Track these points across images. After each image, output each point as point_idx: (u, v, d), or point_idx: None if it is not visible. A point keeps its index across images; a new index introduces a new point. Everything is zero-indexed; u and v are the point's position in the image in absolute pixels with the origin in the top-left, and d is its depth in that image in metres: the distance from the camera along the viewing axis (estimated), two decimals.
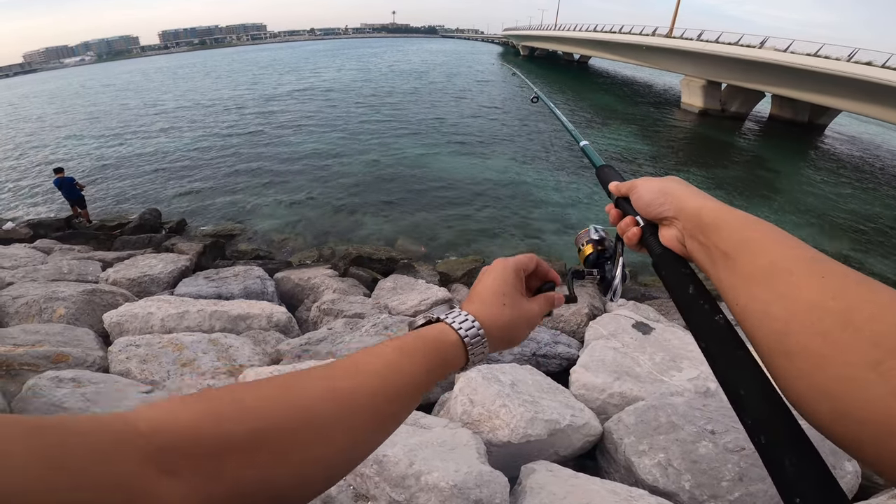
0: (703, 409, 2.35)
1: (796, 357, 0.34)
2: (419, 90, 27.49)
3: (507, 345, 0.58)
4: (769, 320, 0.37)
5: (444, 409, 2.57)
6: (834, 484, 0.37)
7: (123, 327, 3.46)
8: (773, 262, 0.39)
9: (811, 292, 0.35)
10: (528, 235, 8.96)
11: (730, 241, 0.44)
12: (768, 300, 0.38)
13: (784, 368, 0.36)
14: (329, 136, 16.32)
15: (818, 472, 0.38)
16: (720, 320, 0.47)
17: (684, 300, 0.51)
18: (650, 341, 3.54)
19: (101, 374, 2.59)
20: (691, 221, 0.50)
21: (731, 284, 0.43)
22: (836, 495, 0.36)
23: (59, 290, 3.92)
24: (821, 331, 0.33)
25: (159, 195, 11.06)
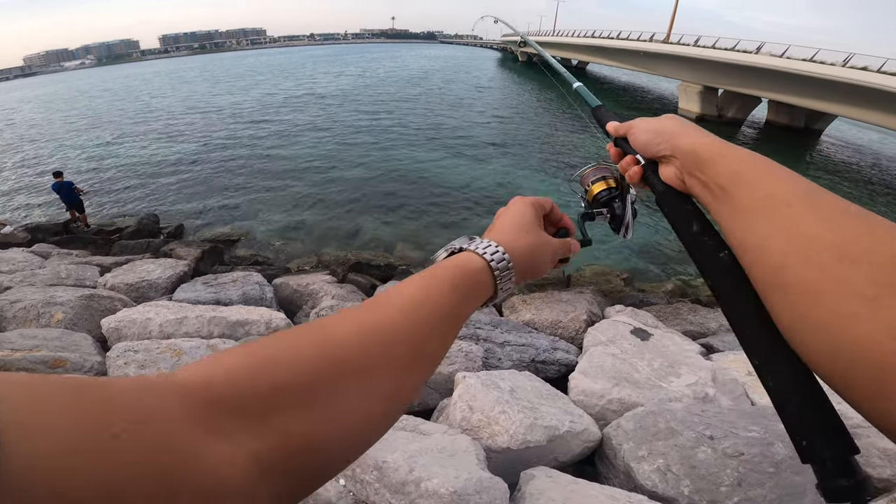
0: (702, 414, 2.36)
1: (792, 291, 0.34)
2: (418, 97, 27.56)
3: (532, 274, 0.56)
4: (766, 254, 0.37)
5: (443, 415, 2.57)
6: (841, 428, 0.36)
7: (121, 333, 3.46)
8: (770, 195, 0.39)
9: (809, 225, 0.34)
10: None
11: (725, 174, 0.44)
12: (766, 233, 0.37)
13: (780, 304, 0.35)
14: (327, 142, 16.35)
15: (825, 416, 0.37)
16: (725, 256, 0.46)
17: (688, 237, 0.52)
18: (649, 347, 3.56)
19: None
20: (687, 158, 0.50)
21: (729, 218, 0.42)
22: (843, 440, 0.36)
23: (57, 294, 3.91)
24: (817, 264, 0.32)
25: (157, 200, 11.06)
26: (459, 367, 3.08)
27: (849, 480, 0.36)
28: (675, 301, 6.32)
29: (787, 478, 1.95)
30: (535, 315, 4.92)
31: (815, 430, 0.37)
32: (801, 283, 0.33)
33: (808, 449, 0.37)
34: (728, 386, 3.22)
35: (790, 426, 0.39)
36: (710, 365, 3.34)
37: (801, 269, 0.33)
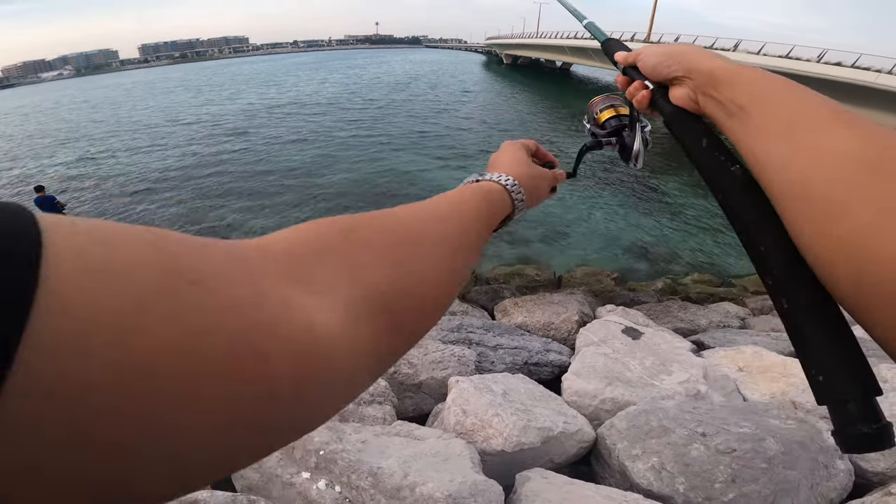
0: (694, 411, 2.38)
1: (817, 205, 0.32)
2: (403, 103, 27.50)
3: (536, 197, 0.63)
4: (789, 170, 0.35)
5: (437, 420, 2.56)
6: (864, 363, 0.32)
7: None
8: (794, 113, 0.37)
9: (837, 140, 0.33)
10: (518, 244, 9.00)
11: (746, 94, 0.42)
12: (788, 151, 0.36)
13: (802, 217, 0.33)
14: (313, 151, 16.26)
15: (846, 346, 0.33)
16: (736, 171, 0.44)
17: (698, 153, 0.50)
18: (640, 346, 3.58)
19: None
20: (703, 78, 0.49)
21: (748, 136, 0.41)
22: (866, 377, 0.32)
23: None
24: (846, 176, 0.30)
25: (142, 214, 10.93)
26: (452, 372, 3.06)
27: (870, 426, 0.31)
28: (665, 299, 6.38)
29: (780, 473, 1.97)
30: (527, 317, 4.93)
31: (833, 362, 0.33)
32: (827, 197, 0.31)
33: (824, 385, 0.33)
34: (719, 382, 3.25)
35: (805, 357, 0.35)
36: (701, 362, 3.37)
37: (828, 183, 0.32)
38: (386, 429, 2.12)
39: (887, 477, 2.26)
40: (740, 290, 7.28)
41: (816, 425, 2.32)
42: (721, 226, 10.45)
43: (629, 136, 0.69)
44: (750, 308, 6.13)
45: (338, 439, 1.81)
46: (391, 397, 2.64)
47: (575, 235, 9.57)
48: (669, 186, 12.70)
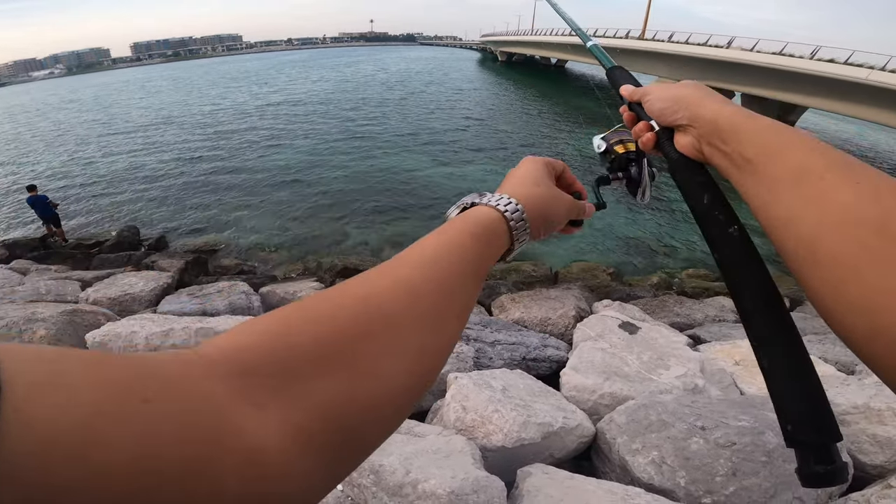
0: (692, 405, 2.39)
1: (827, 267, 0.32)
2: (398, 102, 27.35)
3: (546, 227, 0.54)
4: (797, 226, 0.35)
5: (437, 416, 2.56)
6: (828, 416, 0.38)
7: (107, 347, 3.38)
8: (801, 166, 0.37)
9: (844, 196, 0.33)
10: None
11: (751, 145, 0.42)
12: (796, 205, 0.35)
13: (815, 279, 0.33)
14: (307, 149, 16.19)
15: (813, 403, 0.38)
16: (734, 232, 0.46)
17: (699, 209, 0.51)
18: (637, 341, 3.59)
19: None
20: (707, 128, 0.48)
21: (756, 190, 0.40)
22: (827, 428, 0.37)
23: (38, 311, 3.81)
24: (854, 237, 0.31)
25: (136, 212, 10.85)
26: (451, 368, 3.07)
27: (825, 467, 0.37)
28: (661, 294, 6.40)
29: (779, 466, 1.98)
30: (524, 313, 4.94)
31: (800, 415, 0.39)
32: (836, 258, 0.32)
33: (792, 433, 0.38)
34: (716, 376, 3.27)
35: (779, 409, 0.40)
36: (697, 356, 3.38)
37: (836, 243, 0.32)
38: None
39: (886, 470, 2.27)
40: None
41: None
42: None
43: (635, 170, 0.69)
44: None
45: None
46: None
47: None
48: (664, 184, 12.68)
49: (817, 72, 18.37)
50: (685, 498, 1.95)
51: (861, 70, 17.32)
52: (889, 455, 2.30)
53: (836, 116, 23.79)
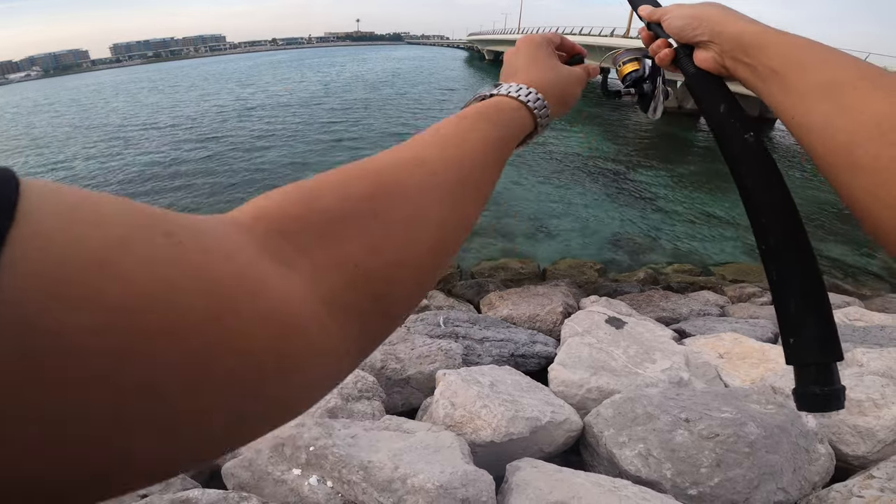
0: (677, 398, 2.42)
1: (864, 170, 0.33)
2: (383, 103, 27.14)
3: (564, 104, 0.54)
4: (832, 132, 0.35)
5: (426, 413, 2.57)
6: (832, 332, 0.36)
7: None
8: (834, 78, 0.37)
9: (880, 104, 0.33)
10: (502, 237, 9.05)
11: (779, 59, 0.42)
12: (830, 113, 0.36)
13: (853, 184, 0.34)
14: (291, 151, 16.05)
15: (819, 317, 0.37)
16: (750, 138, 0.46)
17: (715, 118, 0.51)
18: (623, 335, 3.63)
19: None
20: (731, 44, 0.48)
21: (786, 100, 0.41)
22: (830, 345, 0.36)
23: None
24: (892, 141, 0.31)
25: None
26: (440, 366, 3.07)
27: (822, 389, 0.36)
28: (647, 289, 6.48)
29: (762, 457, 2.01)
30: (512, 310, 4.97)
31: (807, 330, 0.37)
32: (874, 162, 0.32)
33: (794, 347, 0.37)
34: (701, 369, 3.32)
35: (783, 321, 0.39)
36: (682, 349, 3.43)
37: (874, 147, 0.32)
38: (375, 424, 2.12)
39: (868, 461, 2.32)
40: (719, 279, 7.45)
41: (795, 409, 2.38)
42: (699, 217, 10.65)
43: (649, 87, 0.69)
44: (729, 296, 6.27)
45: (327, 435, 1.81)
46: (379, 393, 2.64)
47: (558, 228, 9.65)
48: (650, 180, 12.88)
49: None
50: (671, 490, 1.97)
51: None
52: (870, 446, 2.35)
53: None
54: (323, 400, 2.39)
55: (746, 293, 6.32)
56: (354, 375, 2.62)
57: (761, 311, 5.32)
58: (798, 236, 0.40)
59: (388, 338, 2.36)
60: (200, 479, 2.05)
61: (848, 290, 7.01)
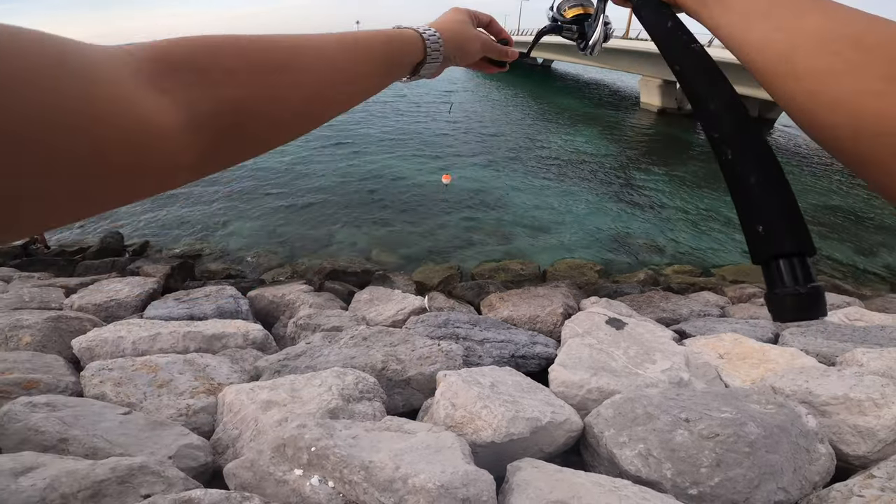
0: (677, 398, 2.43)
1: (806, 77, 0.34)
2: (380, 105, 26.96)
3: (461, 53, 0.65)
4: (772, 46, 0.37)
5: (427, 414, 2.58)
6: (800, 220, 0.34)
7: (94, 352, 3.34)
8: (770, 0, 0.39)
9: (818, 20, 0.35)
10: (502, 240, 9.06)
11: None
12: (769, 29, 0.38)
13: (792, 90, 0.36)
14: (291, 148, 16.03)
15: (784, 199, 0.35)
16: (696, 47, 0.48)
17: (663, 34, 0.53)
18: (624, 336, 3.64)
19: (75, 398, 2.51)
20: None
21: (726, 20, 0.43)
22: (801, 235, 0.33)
23: (23, 318, 3.74)
24: (832, 51, 0.33)
25: (119, 217, 10.67)
26: (441, 367, 3.08)
27: (805, 287, 0.32)
28: (647, 290, 6.49)
29: (763, 457, 2.02)
30: (512, 311, 4.97)
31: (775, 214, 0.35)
32: (814, 69, 0.34)
33: (764, 237, 0.34)
34: (701, 369, 3.32)
35: (745, 213, 0.36)
36: (683, 350, 3.44)
37: (813, 57, 0.34)
38: (377, 424, 2.13)
39: (868, 460, 2.32)
40: (719, 280, 7.46)
41: (796, 409, 2.39)
42: (699, 217, 10.66)
43: (590, 25, 0.71)
44: (729, 297, 6.27)
45: (328, 435, 1.82)
46: (380, 393, 2.65)
47: (559, 230, 9.66)
48: (650, 181, 12.90)
49: None
50: (672, 489, 1.98)
51: None
52: (871, 445, 2.36)
53: None
54: (324, 401, 2.41)
55: (747, 294, 6.33)
56: (355, 376, 2.63)
57: (762, 311, 5.32)
58: (751, 126, 0.40)
59: (390, 339, 2.36)
60: (202, 480, 2.07)
61: (848, 290, 7.01)
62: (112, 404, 2.46)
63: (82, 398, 2.55)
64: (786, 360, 3.34)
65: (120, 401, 2.58)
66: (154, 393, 2.69)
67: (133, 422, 2.24)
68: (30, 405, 2.12)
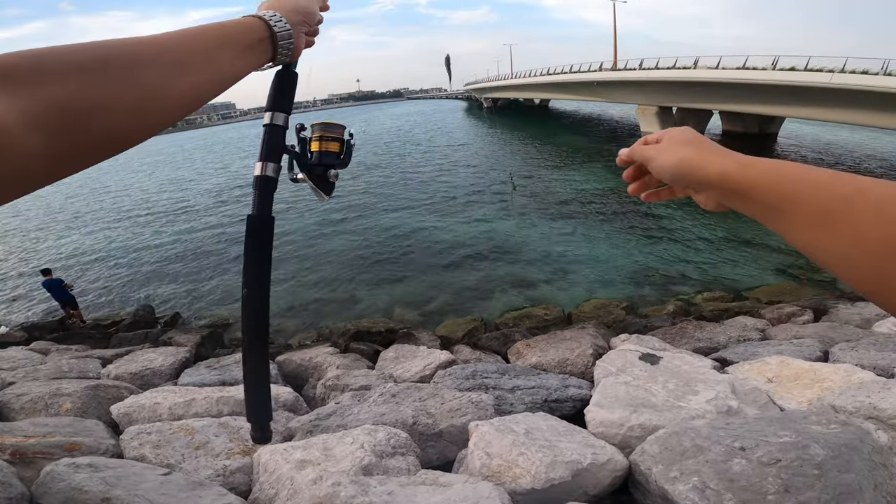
0: (727, 427, 2.27)
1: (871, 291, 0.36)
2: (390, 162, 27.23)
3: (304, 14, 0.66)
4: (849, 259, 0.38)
5: (462, 465, 2.45)
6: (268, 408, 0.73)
7: (132, 417, 3.40)
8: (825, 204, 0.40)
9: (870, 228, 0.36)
10: (523, 287, 8.94)
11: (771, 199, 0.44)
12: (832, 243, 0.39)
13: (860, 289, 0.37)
14: (304, 215, 16.32)
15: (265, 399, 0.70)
16: None
17: None
18: (661, 370, 3.47)
19: (116, 459, 2.53)
20: (722, 193, 0.50)
21: (792, 232, 0.43)
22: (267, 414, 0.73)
23: (62, 386, 3.88)
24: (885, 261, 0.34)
25: (148, 289, 10.90)
26: (472, 417, 2.96)
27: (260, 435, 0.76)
28: (679, 321, 6.25)
29: (835, 477, 1.85)
30: (541, 357, 4.83)
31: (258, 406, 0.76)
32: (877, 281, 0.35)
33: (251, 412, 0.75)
34: (750, 395, 3.12)
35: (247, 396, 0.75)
36: (726, 378, 3.25)
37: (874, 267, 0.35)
38: (411, 479, 2.02)
39: None
40: (754, 303, 7.15)
41: (863, 426, 2.21)
42: (721, 241, 10.43)
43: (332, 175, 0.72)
44: (767, 318, 5.99)
45: (364, 493, 1.72)
46: (413, 448, 2.54)
47: (577, 271, 9.53)
48: (663, 211, 12.78)
49: (783, 81, 18.37)
50: None
51: (823, 74, 17.20)
52: None
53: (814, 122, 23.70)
54: (356, 458, 2.31)
55: (786, 313, 6.04)
56: (387, 432, 2.55)
57: (804, 329, 5.06)
58: None
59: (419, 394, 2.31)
60: None
61: None
62: (152, 465, 2.47)
63: (123, 460, 2.56)
64: (841, 377, 3.13)
65: (159, 462, 2.60)
66: (192, 454, 2.70)
67: (173, 482, 2.22)
68: (73, 466, 2.14)
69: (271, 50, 0.62)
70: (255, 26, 0.59)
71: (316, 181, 0.72)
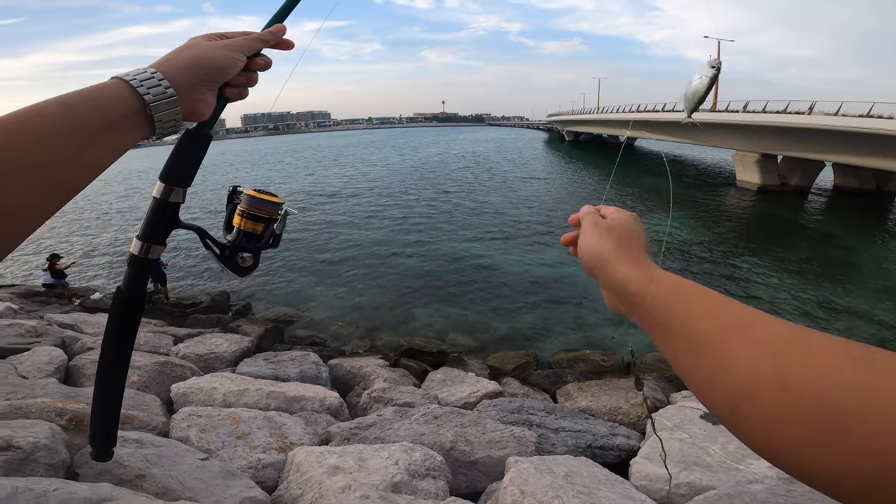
0: (788, 494, 2.11)
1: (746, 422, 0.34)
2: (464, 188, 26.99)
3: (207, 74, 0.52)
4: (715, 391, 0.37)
5: (491, 499, 2.43)
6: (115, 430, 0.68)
7: (188, 398, 3.64)
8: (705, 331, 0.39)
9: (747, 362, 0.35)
10: (583, 330, 8.66)
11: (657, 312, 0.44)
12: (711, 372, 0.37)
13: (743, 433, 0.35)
14: (378, 230, 16.88)
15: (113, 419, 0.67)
16: None
17: None
18: (721, 430, 3.26)
19: (162, 437, 2.69)
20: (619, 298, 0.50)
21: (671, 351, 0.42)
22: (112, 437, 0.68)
23: (134, 359, 4.18)
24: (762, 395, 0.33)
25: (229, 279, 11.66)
26: (511, 452, 2.93)
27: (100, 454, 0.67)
28: None
29: None
30: (591, 402, 4.69)
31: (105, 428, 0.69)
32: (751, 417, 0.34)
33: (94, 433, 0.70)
34: None
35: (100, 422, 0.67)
36: None
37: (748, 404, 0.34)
38: None
39: None
40: None
41: None
42: (814, 308, 9.58)
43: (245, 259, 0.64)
44: None
45: None
46: (446, 473, 2.55)
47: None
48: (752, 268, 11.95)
49: None
50: None
51: None
52: None
53: None
54: (389, 473, 2.36)
55: None
56: (423, 453, 2.58)
57: None
58: None
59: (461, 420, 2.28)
60: None
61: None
62: (193, 449, 2.61)
63: (168, 439, 2.73)
64: None
65: (201, 446, 2.75)
66: (231, 443, 2.84)
67: (208, 468, 2.34)
68: (120, 440, 2.30)
69: (146, 124, 0.48)
70: (118, 96, 0.46)
71: (224, 262, 0.63)
